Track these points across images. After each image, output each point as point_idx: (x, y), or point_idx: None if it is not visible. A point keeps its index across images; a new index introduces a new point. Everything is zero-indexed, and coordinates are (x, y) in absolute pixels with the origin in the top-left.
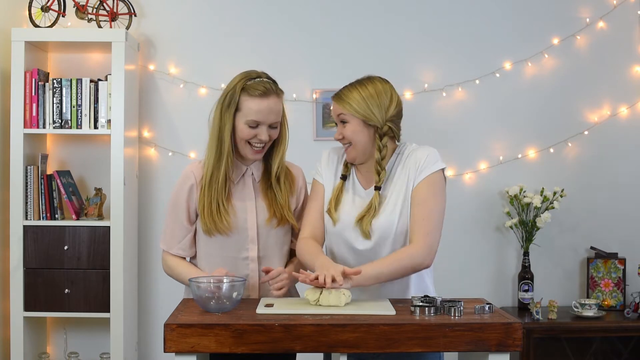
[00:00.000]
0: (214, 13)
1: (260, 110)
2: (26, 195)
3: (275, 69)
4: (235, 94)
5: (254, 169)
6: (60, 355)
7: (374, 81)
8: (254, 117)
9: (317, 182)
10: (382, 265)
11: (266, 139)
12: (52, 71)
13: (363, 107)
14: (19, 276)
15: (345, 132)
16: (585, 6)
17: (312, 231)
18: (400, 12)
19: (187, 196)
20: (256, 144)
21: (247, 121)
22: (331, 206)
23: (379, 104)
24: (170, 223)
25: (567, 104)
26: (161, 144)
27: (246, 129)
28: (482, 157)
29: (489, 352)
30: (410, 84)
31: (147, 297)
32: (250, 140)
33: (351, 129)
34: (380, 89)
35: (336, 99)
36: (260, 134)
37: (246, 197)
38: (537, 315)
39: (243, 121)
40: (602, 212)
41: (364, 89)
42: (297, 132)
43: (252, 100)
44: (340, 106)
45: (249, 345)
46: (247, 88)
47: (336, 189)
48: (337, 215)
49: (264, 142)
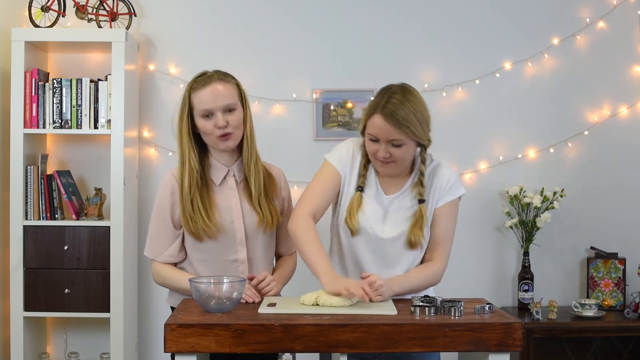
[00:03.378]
0: (214, 13)
1: (205, 97)
2: (26, 195)
3: (275, 69)
4: (185, 96)
5: (235, 170)
6: (60, 355)
7: (414, 94)
8: (203, 106)
9: (331, 166)
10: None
11: (223, 123)
12: (52, 71)
13: (420, 131)
14: (19, 276)
15: (397, 153)
16: (585, 6)
17: (314, 209)
18: (401, 12)
19: (170, 201)
20: (218, 131)
21: (199, 113)
22: (352, 217)
23: (426, 120)
24: (155, 230)
25: (567, 104)
26: (161, 144)
27: (203, 121)
28: (482, 157)
29: (489, 352)
30: (410, 83)
31: (147, 297)
32: (213, 132)
33: (406, 151)
34: (423, 102)
35: (393, 122)
36: (217, 121)
37: (230, 198)
38: (537, 315)
39: (199, 116)
40: (602, 212)
41: (415, 108)
42: (297, 132)
43: (197, 93)
44: (399, 131)
45: (249, 345)
46: (193, 85)
47: (354, 200)
48: (358, 225)
49: (223, 126)
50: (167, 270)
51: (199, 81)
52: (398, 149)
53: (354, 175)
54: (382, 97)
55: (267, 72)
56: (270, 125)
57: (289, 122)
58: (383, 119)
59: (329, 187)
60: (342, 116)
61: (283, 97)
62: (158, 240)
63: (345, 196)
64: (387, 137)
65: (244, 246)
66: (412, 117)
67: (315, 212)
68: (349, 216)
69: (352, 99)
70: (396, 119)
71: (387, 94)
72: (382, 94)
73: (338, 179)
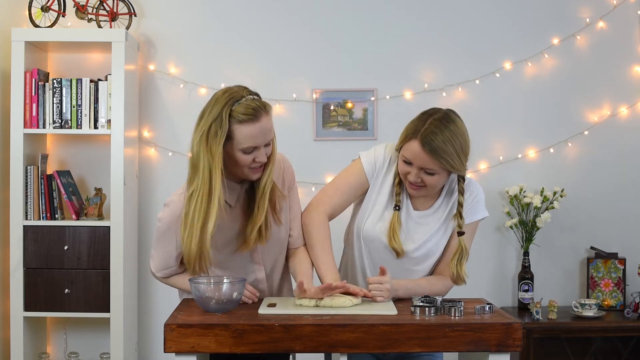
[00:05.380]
0: (214, 13)
1: (256, 135)
2: (26, 195)
3: (275, 68)
4: (224, 122)
5: (247, 187)
6: (60, 355)
7: (457, 123)
8: (250, 143)
9: (362, 168)
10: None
11: (265, 160)
12: (52, 71)
13: (457, 163)
14: (19, 276)
15: (429, 181)
16: (585, 6)
17: (332, 207)
18: (401, 11)
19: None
20: (255, 166)
21: (243, 149)
22: (395, 239)
23: (465, 152)
24: (160, 251)
25: (567, 104)
26: (161, 144)
27: (243, 156)
28: (482, 157)
29: (489, 352)
30: (410, 84)
31: (147, 297)
32: (250, 165)
33: (438, 180)
34: (464, 132)
35: (430, 152)
36: (258, 156)
37: (238, 218)
38: (537, 315)
39: (238, 149)
40: (602, 212)
41: (455, 139)
42: (297, 132)
43: (245, 127)
44: (435, 161)
45: (249, 345)
46: (236, 114)
47: (395, 220)
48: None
49: (264, 162)
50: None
51: (248, 113)
52: (430, 176)
53: (387, 185)
54: (422, 122)
55: (267, 72)
56: None
57: (289, 122)
58: (420, 147)
59: (353, 186)
60: (342, 116)
61: (283, 97)
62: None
63: (372, 204)
64: (421, 165)
65: (261, 264)
66: (450, 148)
67: (334, 210)
68: (393, 238)
69: (352, 99)
70: (433, 148)
71: (429, 120)
72: (423, 119)
73: (365, 181)
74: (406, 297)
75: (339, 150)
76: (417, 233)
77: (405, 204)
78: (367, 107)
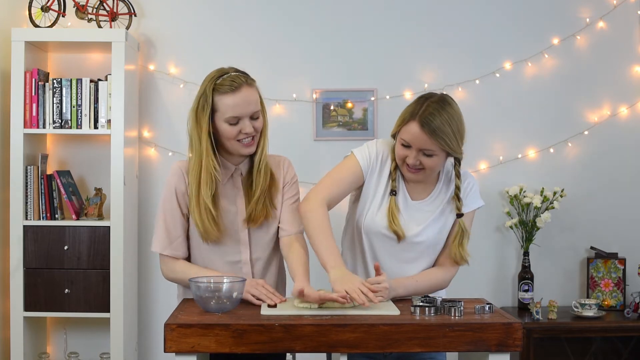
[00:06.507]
0: (213, 13)
1: (236, 105)
2: (26, 195)
3: (275, 68)
4: (208, 96)
5: (242, 168)
6: (60, 355)
7: (453, 105)
8: (232, 113)
9: (356, 161)
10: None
11: (251, 131)
12: (52, 71)
13: (454, 144)
14: (19, 276)
15: (427, 163)
16: (585, 6)
17: (330, 196)
18: (400, 12)
19: (179, 190)
20: (244, 138)
21: (226, 119)
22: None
23: (462, 134)
24: (163, 222)
25: (567, 104)
26: (161, 144)
27: (228, 127)
28: (482, 157)
29: (489, 352)
30: (410, 84)
31: (147, 297)
32: (237, 137)
33: (436, 161)
34: (460, 115)
35: (430, 133)
36: (244, 128)
37: (236, 197)
38: (537, 315)
39: (223, 120)
40: (602, 212)
41: (453, 121)
42: (297, 132)
43: (226, 97)
44: (433, 141)
45: (249, 345)
46: (218, 87)
47: (392, 204)
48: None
49: (250, 134)
50: (181, 266)
51: (226, 84)
52: (429, 158)
53: (383, 178)
54: (420, 105)
55: (267, 72)
56: (270, 125)
57: (289, 122)
58: (419, 128)
59: (349, 180)
60: (342, 116)
61: (283, 97)
62: (166, 232)
63: (371, 198)
64: (420, 146)
65: (247, 246)
66: (448, 129)
67: (330, 200)
68: (392, 222)
69: (352, 99)
70: (432, 129)
71: (426, 103)
72: (420, 102)
73: (360, 175)
74: (406, 295)
75: (339, 150)
76: (416, 219)
77: (402, 192)
78: (367, 107)
